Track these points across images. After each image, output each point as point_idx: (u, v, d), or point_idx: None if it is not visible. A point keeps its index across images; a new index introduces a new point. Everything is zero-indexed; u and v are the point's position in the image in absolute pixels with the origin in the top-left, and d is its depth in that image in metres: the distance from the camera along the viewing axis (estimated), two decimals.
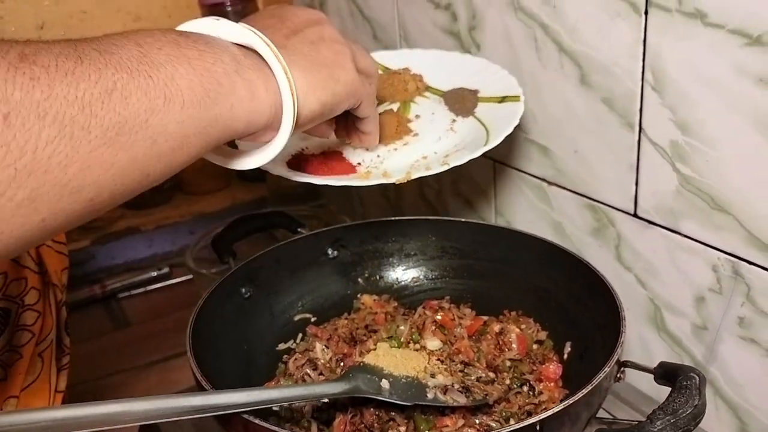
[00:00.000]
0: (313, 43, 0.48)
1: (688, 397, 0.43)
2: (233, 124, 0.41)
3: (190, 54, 0.38)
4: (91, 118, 0.32)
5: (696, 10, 0.53)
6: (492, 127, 0.64)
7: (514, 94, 0.67)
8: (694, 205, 0.59)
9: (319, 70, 0.46)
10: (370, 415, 0.54)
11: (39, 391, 0.58)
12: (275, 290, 0.67)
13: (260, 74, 0.42)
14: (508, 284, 0.68)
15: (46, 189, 0.31)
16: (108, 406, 0.41)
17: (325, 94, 0.46)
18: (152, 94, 0.35)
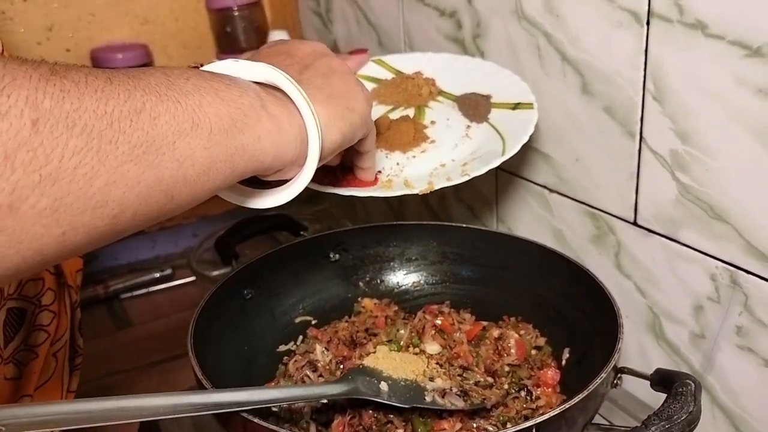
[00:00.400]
0: (325, 76, 0.48)
1: (684, 403, 0.44)
2: (260, 156, 0.41)
3: (216, 86, 0.39)
4: (119, 134, 0.32)
5: (697, 21, 0.54)
6: (507, 136, 0.65)
7: (528, 101, 0.67)
8: (694, 214, 0.59)
9: (336, 102, 0.47)
10: (368, 417, 0.55)
11: (52, 390, 0.59)
12: (277, 292, 0.68)
13: (284, 109, 0.43)
14: (507, 290, 0.68)
15: (70, 200, 0.31)
16: (109, 402, 0.41)
17: (344, 125, 0.47)
18: (180, 118, 0.36)
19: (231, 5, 1.18)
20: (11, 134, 0.29)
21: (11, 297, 0.54)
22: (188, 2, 1.23)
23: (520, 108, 0.67)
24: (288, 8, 1.21)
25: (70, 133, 0.30)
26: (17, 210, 0.29)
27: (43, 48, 1.17)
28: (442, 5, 0.82)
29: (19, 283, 0.55)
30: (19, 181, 0.29)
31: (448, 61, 0.75)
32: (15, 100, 0.29)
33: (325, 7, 1.09)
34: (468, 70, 0.73)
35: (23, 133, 0.29)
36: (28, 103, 0.29)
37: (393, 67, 0.76)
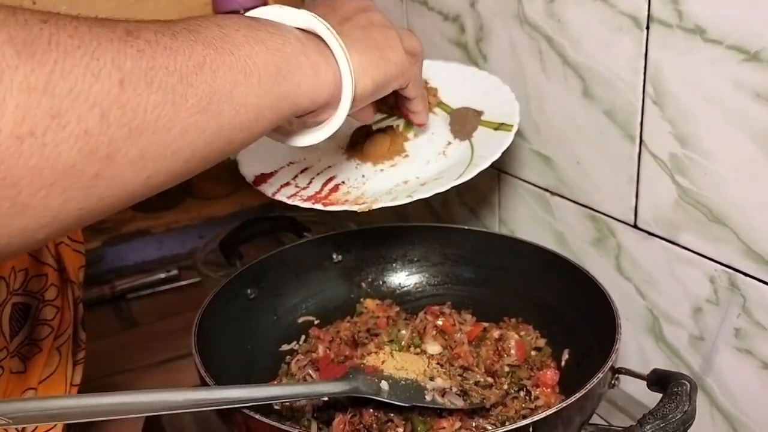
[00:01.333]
0: (364, 28, 0.52)
1: (678, 402, 0.44)
2: (299, 100, 0.45)
3: (263, 36, 0.42)
4: (188, 87, 0.36)
5: (696, 26, 0.55)
6: (476, 156, 0.65)
7: (509, 123, 0.66)
8: (693, 218, 0.60)
9: (372, 52, 0.51)
10: (369, 415, 0.55)
11: (56, 383, 0.60)
12: (280, 292, 0.69)
13: (321, 55, 0.46)
14: (508, 292, 0.69)
15: (153, 148, 0.35)
16: (115, 397, 0.42)
17: (378, 74, 0.51)
18: (235, 69, 0.39)
19: (237, 9, 1.19)
20: (104, 93, 0.32)
21: (16, 292, 0.55)
22: (195, 6, 1.25)
23: (501, 129, 0.66)
24: None
25: (150, 90, 0.34)
26: (113, 159, 0.33)
27: None
28: (446, 9, 0.83)
29: (24, 278, 0.56)
30: (114, 135, 0.33)
31: (455, 71, 0.75)
32: (104, 62, 0.32)
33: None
34: (472, 83, 0.73)
35: (114, 92, 0.32)
36: (114, 64, 0.33)
37: None
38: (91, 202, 0.34)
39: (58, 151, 0.31)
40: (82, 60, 0.31)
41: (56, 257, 0.60)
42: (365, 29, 0.52)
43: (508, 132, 0.65)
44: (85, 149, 0.32)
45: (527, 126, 0.74)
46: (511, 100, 0.69)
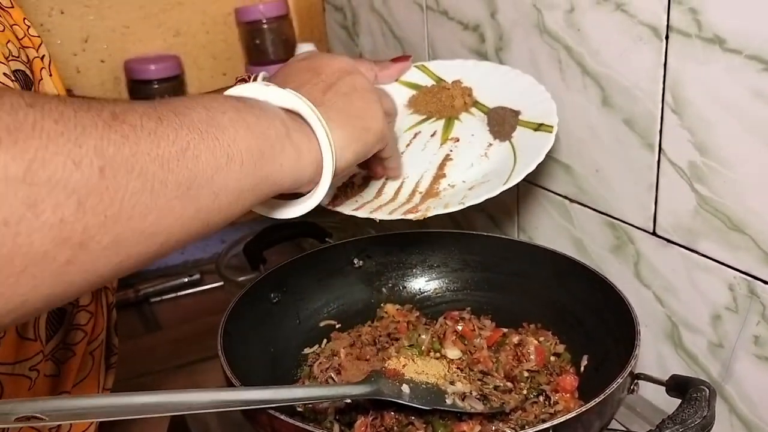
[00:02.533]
0: (346, 95, 0.52)
1: (697, 408, 0.45)
2: (281, 181, 0.45)
3: (248, 119, 0.43)
4: (168, 173, 0.36)
5: (715, 35, 0.55)
6: (520, 159, 0.65)
7: (549, 124, 0.66)
8: (712, 225, 0.60)
9: (353, 124, 0.51)
10: (390, 418, 0.56)
11: (89, 387, 0.61)
12: (302, 296, 0.70)
13: (304, 135, 0.47)
14: (527, 298, 0.70)
15: (128, 234, 0.35)
16: (146, 396, 0.43)
17: (358, 146, 0.52)
18: (217, 154, 0.40)
19: (260, 18, 1.21)
20: (83, 182, 0.32)
21: None
22: (218, 15, 1.27)
23: (542, 130, 0.66)
24: (315, 21, 1.24)
25: (129, 177, 0.34)
26: (86, 247, 0.33)
27: (79, 59, 1.21)
28: (466, 19, 0.84)
29: None
30: (89, 222, 0.32)
31: (489, 70, 0.75)
32: (86, 150, 0.32)
33: (351, 21, 1.11)
34: (506, 81, 0.73)
35: (93, 180, 0.32)
36: (97, 151, 0.33)
37: (435, 74, 0.76)
38: (60, 288, 0.33)
39: (30, 240, 0.30)
40: (65, 147, 0.31)
41: None
42: (347, 96, 0.52)
43: (548, 133, 0.65)
44: (59, 237, 0.32)
45: None
46: (548, 99, 0.69)
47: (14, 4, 0.63)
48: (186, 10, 1.25)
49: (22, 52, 0.59)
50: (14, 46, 0.57)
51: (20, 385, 0.53)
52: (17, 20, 0.61)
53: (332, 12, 1.17)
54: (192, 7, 1.25)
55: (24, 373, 0.53)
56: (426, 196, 0.65)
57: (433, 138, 0.71)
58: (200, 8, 1.25)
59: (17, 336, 0.53)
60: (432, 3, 0.89)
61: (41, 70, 0.61)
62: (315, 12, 1.23)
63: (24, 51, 0.60)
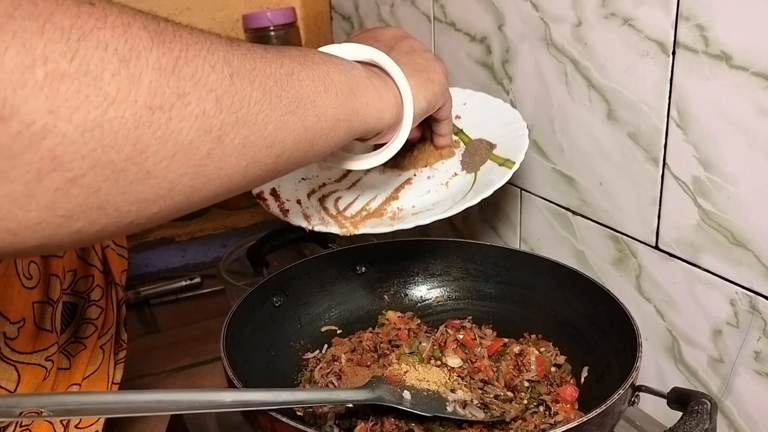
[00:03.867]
0: (408, 54, 0.58)
1: (699, 420, 0.45)
2: (368, 117, 0.50)
3: (335, 60, 0.49)
4: (282, 90, 0.41)
5: (722, 52, 0.56)
6: (472, 191, 0.67)
7: (513, 160, 0.67)
8: (715, 240, 0.61)
9: (420, 75, 0.57)
10: (389, 424, 0.56)
11: (98, 381, 0.62)
12: (304, 301, 0.70)
13: (382, 81, 0.53)
14: (529, 308, 0.70)
15: (253, 138, 0.39)
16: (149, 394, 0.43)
17: (428, 94, 0.57)
18: (317, 81, 0.45)
19: (268, 25, 1.22)
20: (219, 82, 0.36)
21: (66, 292, 0.57)
22: (226, 21, 1.28)
23: (505, 165, 0.68)
24: (322, 30, 1.25)
25: (252, 87, 0.39)
26: (222, 141, 0.37)
27: None
28: (473, 31, 0.85)
29: (73, 279, 0.58)
30: (225, 120, 0.37)
31: (480, 101, 0.77)
32: (217, 58, 0.37)
33: (358, 30, 1.12)
34: (493, 115, 0.75)
35: (226, 83, 0.37)
36: (226, 60, 0.37)
37: None
38: (200, 182, 0.37)
39: (180, 127, 0.34)
40: (200, 53, 0.36)
41: (102, 260, 0.62)
42: (409, 55, 0.58)
43: (508, 169, 0.67)
44: (202, 128, 0.36)
45: (551, 146, 0.76)
46: (523, 137, 0.70)
47: None
48: (194, 15, 1.25)
49: None
50: None
51: (36, 374, 0.54)
52: None
53: (339, 21, 1.18)
54: (200, 13, 1.26)
55: (40, 362, 0.54)
56: (370, 215, 0.68)
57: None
58: (208, 14, 1.26)
59: (35, 326, 0.54)
60: (439, 14, 0.90)
61: None
62: (322, 21, 1.24)
63: None
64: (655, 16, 0.61)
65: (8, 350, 0.52)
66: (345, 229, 0.65)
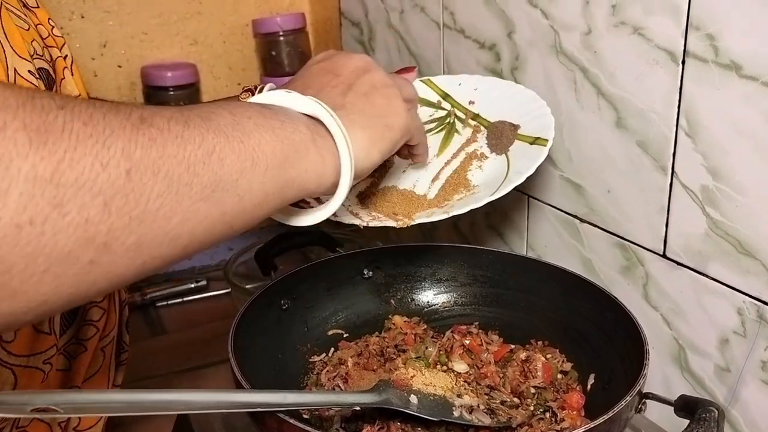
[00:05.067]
0: (366, 95, 0.52)
1: (707, 428, 0.45)
2: (306, 184, 0.46)
3: (274, 124, 0.43)
4: (194, 176, 0.37)
5: (732, 62, 0.56)
6: (512, 171, 0.67)
7: (545, 137, 0.67)
8: (723, 249, 0.61)
9: (376, 123, 0.51)
10: (396, 428, 0.56)
11: (99, 383, 0.62)
12: (311, 304, 0.70)
13: (326, 141, 0.47)
14: (535, 315, 0.70)
15: (151, 236, 0.35)
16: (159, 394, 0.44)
17: (383, 144, 0.52)
18: (243, 157, 0.40)
19: (277, 30, 1.23)
20: (110, 183, 0.32)
21: None
22: (236, 26, 1.29)
23: (537, 143, 0.67)
24: (331, 35, 1.26)
25: (155, 179, 0.35)
26: (110, 247, 0.33)
27: (97, 63, 1.23)
28: (482, 38, 0.85)
29: None
30: (114, 223, 0.33)
31: (492, 85, 0.77)
32: (114, 151, 0.33)
33: (367, 36, 1.13)
34: (508, 96, 0.74)
35: (119, 182, 0.33)
36: (124, 153, 0.33)
37: (440, 89, 0.78)
38: (82, 288, 0.33)
39: (55, 240, 0.31)
40: (93, 149, 0.32)
41: None
42: (367, 96, 0.52)
43: (542, 146, 0.66)
44: (83, 237, 0.32)
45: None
46: (547, 114, 0.70)
47: (39, 5, 0.64)
48: (204, 19, 1.26)
49: (46, 51, 0.60)
50: (38, 44, 0.59)
51: (34, 377, 0.54)
52: (42, 20, 0.62)
53: (349, 27, 1.19)
54: (210, 17, 1.27)
55: (38, 365, 0.54)
56: None
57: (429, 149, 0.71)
58: (218, 18, 1.27)
59: (32, 329, 0.54)
60: (449, 21, 0.91)
61: (64, 70, 0.63)
62: (332, 26, 1.24)
63: (48, 50, 0.61)
64: (665, 26, 0.61)
65: (4, 353, 0.52)
66: (401, 222, 0.63)
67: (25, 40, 0.56)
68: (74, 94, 0.62)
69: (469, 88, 0.77)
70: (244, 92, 0.70)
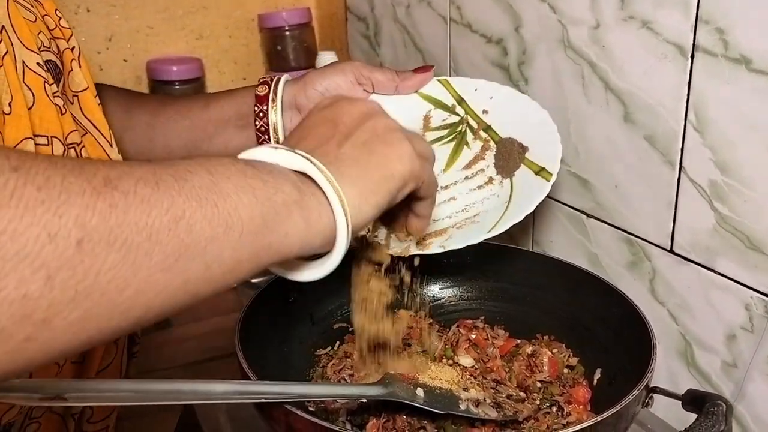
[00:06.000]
0: (365, 144, 0.48)
1: (714, 422, 0.45)
2: (285, 250, 0.41)
3: (254, 184, 0.40)
4: (156, 245, 0.33)
5: (741, 56, 0.56)
6: (513, 204, 0.63)
7: (550, 171, 0.64)
8: (730, 244, 0.61)
9: (372, 175, 0.46)
10: (401, 421, 0.56)
11: (111, 375, 0.62)
12: (318, 298, 0.70)
13: (317, 199, 0.43)
14: (541, 310, 0.70)
15: (99, 310, 0.32)
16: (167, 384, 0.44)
17: (380, 197, 0.46)
18: (215, 223, 0.36)
19: (283, 25, 1.23)
20: (56, 255, 0.29)
21: None
22: (241, 20, 1.29)
23: (541, 175, 0.64)
24: (337, 31, 1.26)
25: (110, 249, 0.31)
26: (50, 323, 0.30)
27: (102, 57, 1.23)
28: (489, 32, 0.85)
29: None
30: (56, 298, 0.30)
31: (508, 96, 0.72)
32: (66, 221, 0.30)
33: (373, 31, 1.13)
34: (522, 112, 0.70)
35: (67, 254, 0.30)
36: (77, 222, 0.30)
37: (456, 91, 0.74)
38: (18, 365, 0.31)
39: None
40: (43, 218, 0.29)
41: None
42: (366, 144, 0.48)
43: (546, 181, 0.63)
44: (19, 314, 0.29)
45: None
46: (555, 142, 0.66)
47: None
48: (210, 14, 1.26)
49: (53, 42, 0.60)
50: (45, 36, 0.58)
51: (48, 368, 0.54)
52: (49, 11, 0.62)
53: (354, 21, 1.18)
54: (216, 12, 1.27)
55: None
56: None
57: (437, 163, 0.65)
58: (224, 13, 1.27)
59: None
60: (456, 15, 0.91)
61: (71, 62, 0.62)
62: (337, 21, 1.24)
63: (55, 42, 0.61)
64: (674, 19, 0.61)
65: None
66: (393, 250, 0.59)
67: (33, 32, 0.56)
68: (82, 87, 0.62)
69: (484, 96, 0.73)
70: (261, 84, 0.70)
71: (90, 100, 0.63)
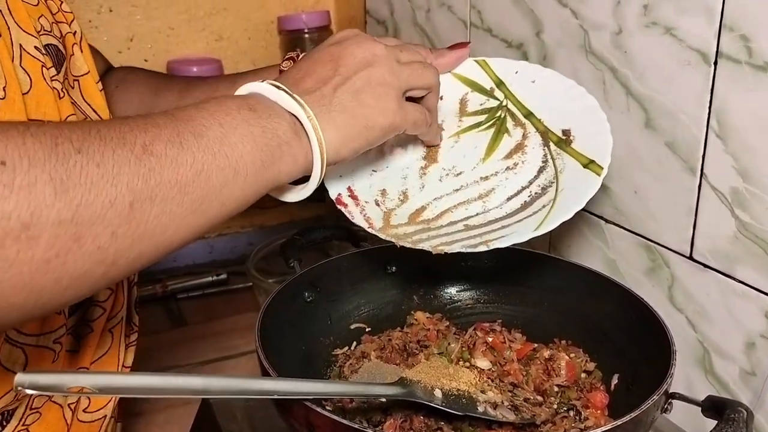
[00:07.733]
0: (357, 93, 0.54)
1: (735, 428, 0.45)
2: (278, 182, 0.50)
3: (255, 132, 0.47)
4: (185, 195, 0.42)
5: (765, 63, 0.56)
6: (559, 200, 0.60)
7: (600, 164, 0.59)
8: (751, 252, 0.60)
9: (355, 123, 0.53)
10: (419, 421, 0.57)
11: (108, 365, 0.62)
12: (335, 298, 0.71)
13: (303, 141, 0.51)
14: (559, 314, 0.70)
15: (149, 249, 0.42)
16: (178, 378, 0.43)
17: (357, 144, 0.54)
18: (227, 171, 0.45)
19: (302, 27, 1.23)
20: (116, 216, 0.38)
21: None
22: (261, 23, 1.29)
23: (590, 168, 0.60)
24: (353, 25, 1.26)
25: (152, 204, 0.40)
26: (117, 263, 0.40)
27: (124, 56, 1.24)
28: (510, 37, 0.85)
29: None
30: (120, 246, 0.39)
31: (551, 80, 0.68)
32: (120, 188, 0.39)
33: (392, 34, 1.13)
34: (567, 98, 0.66)
35: (124, 213, 0.39)
36: (128, 188, 0.39)
37: (495, 73, 0.70)
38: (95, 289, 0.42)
39: (75, 266, 0.38)
40: (104, 189, 0.38)
41: None
42: (358, 94, 0.53)
43: (597, 175, 0.59)
44: (96, 260, 0.39)
45: None
46: (605, 132, 0.61)
47: None
48: (230, 15, 1.27)
49: (55, 26, 0.60)
50: (47, 20, 0.59)
51: (44, 357, 0.54)
52: None
53: (374, 25, 1.19)
54: (236, 13, 1.28)
55: (48, 345, 0.54)
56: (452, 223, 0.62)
57: (475, 151, 0.66)
58: (244, 15, 1.28)
59: None
60: (476, 20, 0.91)
61: (73, 46, 0.62)
62: (356, 24, 1.25)
63: (57, 26, 0.61)
64: (697, 26, 0.61)
65: (15, 332, 0.53)
66: (435, 249, 0.60)
67: (32, 15, 0.56)
68: (83, 71, 0.63)
69: (526, 79, 0.68)
70: (287, 60, 0.71)
71: (91, 84, 0.63)
